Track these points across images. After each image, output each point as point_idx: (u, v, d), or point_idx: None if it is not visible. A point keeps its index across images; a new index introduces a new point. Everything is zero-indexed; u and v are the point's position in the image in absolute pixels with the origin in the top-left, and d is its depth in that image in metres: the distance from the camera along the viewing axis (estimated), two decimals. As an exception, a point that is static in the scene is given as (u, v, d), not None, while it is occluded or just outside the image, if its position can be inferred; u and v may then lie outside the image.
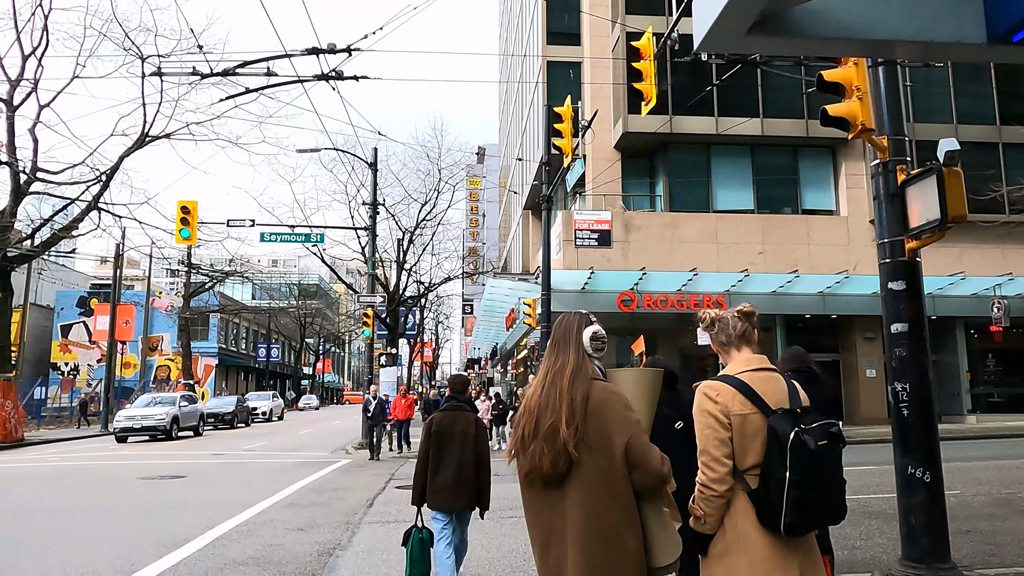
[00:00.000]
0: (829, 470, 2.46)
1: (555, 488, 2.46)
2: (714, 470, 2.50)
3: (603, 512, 2.38)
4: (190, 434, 26.42)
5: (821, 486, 2.42)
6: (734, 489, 2.52)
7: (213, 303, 52.35)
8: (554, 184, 18.12)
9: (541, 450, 2.46)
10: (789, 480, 2.38)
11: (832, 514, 2.55)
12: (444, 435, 5.35)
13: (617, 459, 2.41)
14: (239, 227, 21.62)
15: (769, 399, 2.53)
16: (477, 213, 64.41)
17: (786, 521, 2.40)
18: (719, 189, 24.46)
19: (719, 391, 2.56)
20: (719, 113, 23.56)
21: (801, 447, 2.40)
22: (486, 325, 32.58)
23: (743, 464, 2.51)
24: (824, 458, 2.43)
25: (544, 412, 2.52)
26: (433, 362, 69.16)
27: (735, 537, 2.50)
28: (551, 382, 2.57)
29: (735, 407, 2.51)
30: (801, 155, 24.72)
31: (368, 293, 21.52)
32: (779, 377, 2.67)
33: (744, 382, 2.56)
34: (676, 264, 22.13)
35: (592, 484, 2.40)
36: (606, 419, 2.45)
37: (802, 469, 2.39)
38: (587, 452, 2.41)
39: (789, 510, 2.39)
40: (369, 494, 10.90)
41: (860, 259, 23.31)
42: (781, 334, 23.04)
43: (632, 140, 23.84)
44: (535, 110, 29.77)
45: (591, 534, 2.37)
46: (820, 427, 2.47)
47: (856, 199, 24.09)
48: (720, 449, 2.51)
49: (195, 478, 13.43)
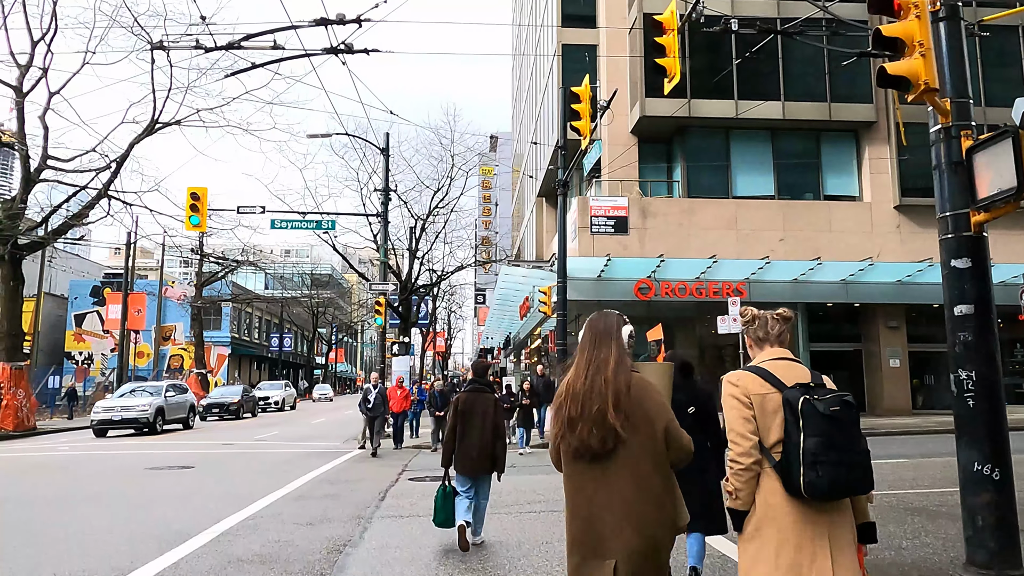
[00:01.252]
0: (845, 433, 2.62)
1: (600, 462, 2.78)
2: (740, 444, 2.75)
3: (650, 482, 2.74)
4: (179, 427, 24.16)
5: (836, 446, 2.58)
6: (761, 464, 2.74)
7: (226, 293, 52.20)
8: (570, 168, 17.62)
9: (590, 430, 2.77)
10: (804, 441, 2.60)
11: (853, 479, 2.63)
12: (467, 413, 6.50)
13: (658, 439, 2.78)
14: (249, 214, 21.27)
15: (787, 381, 2.76)
16: (490, 202, 63.91)
17: (804, 481, 2.58)
18: (738, 174, 23.86)
19: (740, 377, 2.84)
20: (739, 96, 22.92)
21: (811, 410, 2.62)
22: (499, 314, 32.16)
23: (768, 441, 2.74)
24: (837, 421, 2.61)
25: (590, 397, 2.81)
26: (446, 352, 68.84)
27: (764, 511, 2.72)
28: (596, 371, 2.87)
29: (755, 388, 2.78)
30: (823, 139, 24.05)
31: (380, 281, 21.13)
32: (801, 366, 2.87)
33: (764, 368, 2.83)
34: (694, 251, 21.60)
35: (638, 459, 2.75)
36: (647, 405, 2.80)
37: (814, 430, 2.60)
38: (632, 432, 2.75)
39: (806, 469, 2.58)
40: (382, 486, 10.53)
41: (884, 246, 22.71)
42: (802, 323, 22.46)
43: (649, 124, 23.25)
44: (549, 95, 29.22)
45: (641, 500, 2.71)
46: (833, 396, 2.66)
47: (880, 184, 23.42)
48: (744, 426, 2.75)
49: (204, 468, 13.12)
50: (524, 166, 35.15)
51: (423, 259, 27.19)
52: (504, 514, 8.12)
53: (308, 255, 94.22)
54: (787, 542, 2.65)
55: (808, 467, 2.59)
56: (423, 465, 13.27)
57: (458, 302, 64.73)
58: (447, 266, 30.40)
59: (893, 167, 23.33)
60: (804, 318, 22.60)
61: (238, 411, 30.04)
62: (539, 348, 33.81)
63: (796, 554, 2.64)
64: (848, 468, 2.60)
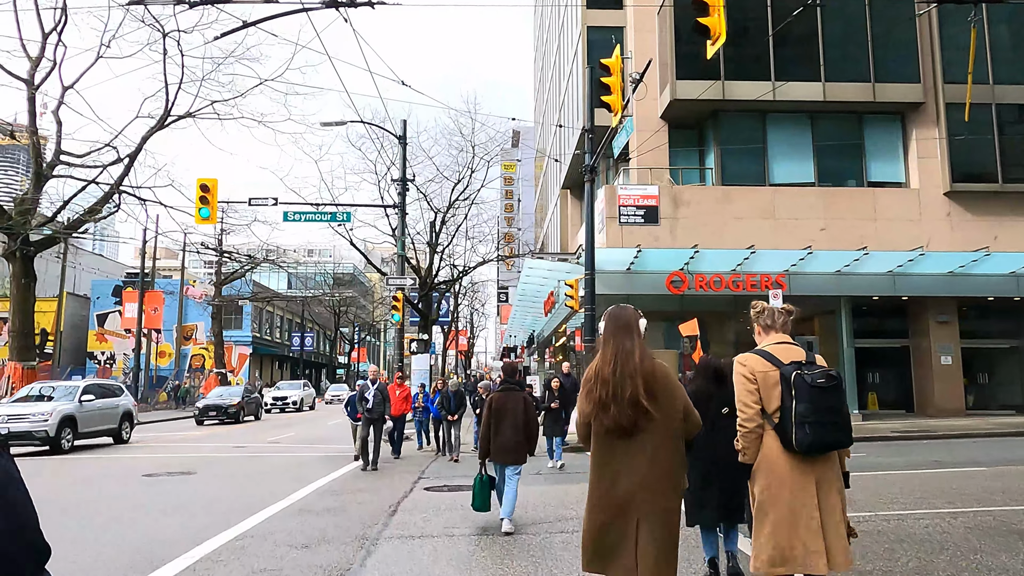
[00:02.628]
0: (828, 400, 3.34)
1: (626, 439, 3.28)
2: (745, 412, 3.53)
3: (665, 452, 3.28)
4: (106, 440, 18.30)
5: (820, 409, 3.31)
6: (764, 427, 3.48)
7: (246, 292, 51.62)
8: (598, 152, 16.45)
9: (623, 411, 3.26)
10: (795, 407, 3.35)
11: (837, 437, 3.38)
12: (501, 411, 7.21)
13: (678, 414, 3.33)
14: (262, 206, 20.37)
15: (785, 360, 3.50)
16: (512, 198, 62.80)
17: (796, 438, 3.32)
18: (776, 160, 22.48)
19: (747, 358, 3.59)
20: (775, 77, 21.56)
21: (800, 382, 3.37)
22: (523, 311, 31.01)
23: (769, 408, 3.48)
24: (823, 390, 3.34)
25: (621, 383, 3.28)
26: (468, 351, 67.82)
27: (765, 463, 3.48)
28: (624, 360, 3.33)
29: (758, 367, 3.52)
30: (867, 122, 22.58)
31: (398, 275, 20.11)
32: (797, 347, 3.59)
33: (766, 351, 3.58)
34: (728, 242, 20.30)
35: (659, 433, 3.27)
36: (670, 388, 3.34)
37: (803, 398, 3.34)
38: (658, 411, 3.27)
39: (796, 429, 3.32)
40: (393, 497, 9.46)
41: (933, 235, 21.23)
42: (846, 318, 21.05)
43: (680, 108, 21.97)
44: (574, 81, 28.04)
45: (656, 471, 3.25)
46: (820, 371, 3.42)
47: (928, 169, 21.91)
48: (748, 396, 3.51)
49: (206, 474, 12.17)
50: (549, 151, 33.92)
51: (443, 253, 26.09)
52: (531, 535, 7.00)
53: (331, 255, 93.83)
54: (783, 485, 3.34)
55: (798, 427, 3.27)
56: (441, 472, 12.19)
57: (480, 300, 63.73)
58: (468, 262, 29.34)
59: (943, 151, 21.81)
60: (848, 313, 21.17)
61: (238, 414, 27.39)
62: (564, 346, 32.64)
63: (790, 495, 3.34)
64: (830, 427, 3.28)
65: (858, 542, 6.22)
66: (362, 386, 13.27)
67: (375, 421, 12.74)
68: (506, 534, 6.90)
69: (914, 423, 19.12)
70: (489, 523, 7.43)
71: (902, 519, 7.21)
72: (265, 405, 36.46)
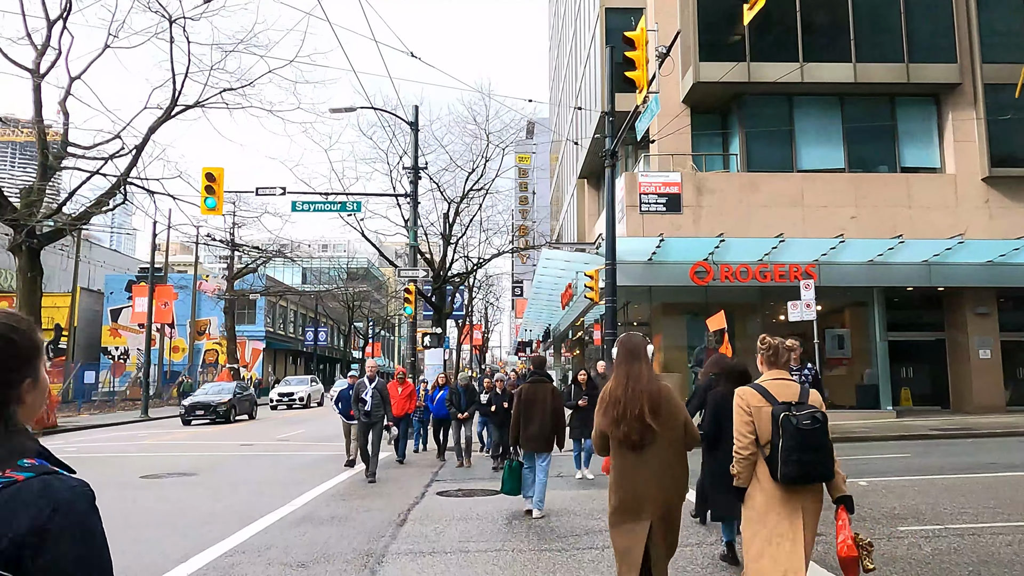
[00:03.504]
0: (811, 441, 3.68)
1: (637, 451, 3.91)
2: (740, 441, 3.88)
3: (673, 463, 3.94)
4: None
5: (802, 448, 3.67)
6: (757, 456, 3.85)
7: (259, 286, 51.14)
8: (619, 135, 15.59)
9: (632, 428, 3.89)
10: (781, 445, 3.70)
11: (815, 473, 3.73)
12: (530, 401, 7.59)
13: (680, 430, 3.97)
14: (270, 195, 19.71)
15: (779, 397, 3.84)
16: (527, 191, 61.96)
17: (781, 472, 3.69)
18: (804, 145, 21.51)
19: (744, 393, 3.95)
20: (804, 58, 20.59)
21: (787, 424, 3.70)
22: (538, 304, 30.24)
23: (763, 440, 3.84)
24: (807, 432, 3.68)
25: (631, 402, 3.91)
26: (483, 345, 67.13)
27: (757, 487, 3.85)
28: (635, 381, 3.97)
29: (754, 402, 3.88)
30: (900, 105, 21.54)
31: (410, 267, 19.37)
32: (793, 384, 3.93)
33: (763, 386, 3.93)
34: (754, 231, 19.39)
35: (667, 447, 3.91)
36: (672, 406, 3.98)
37: (788, 438, 3.68)
38: (663, 427, 3.90)
39: (782, 464, 3.69)
40: (404, 503, 8.73)
41: (970, 223, 20.18)
42: (879, 310, 20.10)
43: (703, 92, 21.04)
44: (591, 66, 27.16)
45: (665, 478, 3.90)
46: (807, 413, 3.73)
47: (965, 153, 20.85)
48: (745, 427, 3.87)
49: (207, 477, 11.50)
50: (566, 137, 32.98)
51: (456, 244, 25.32)
52: (557, 550, 6.23)
53: (345, 250, 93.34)
54: (771, 510, 3.80)
55: (783, 463, 3.70)
56: (456, 474, 11.43)
57: (495, 294, 62.97)
58: (483, 254, 28.56)
59: (981, 134, 20.75)
60: (880, 305, 20.21)
61: (228, 413, 25.07)
62: (581, 340, 31.85)
63: (777, 518, 3.80)
64: (812, 464, 3.71)
65: (937, 563, 5.40)
66: (359, 385, 11.23)
67: (373, 425, 10.84)
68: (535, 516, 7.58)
69: (953, 420, 18.16)
70: (512, 527, 6.66)
71: (978, 535, 6.37)
72: (271, 401, 35.82)
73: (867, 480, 9.51)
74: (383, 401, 11.04)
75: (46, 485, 1.21)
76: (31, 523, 1.16)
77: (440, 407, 13.47)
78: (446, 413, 13.26)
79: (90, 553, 1.22)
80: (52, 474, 1.24)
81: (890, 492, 8.67)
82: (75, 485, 1.25)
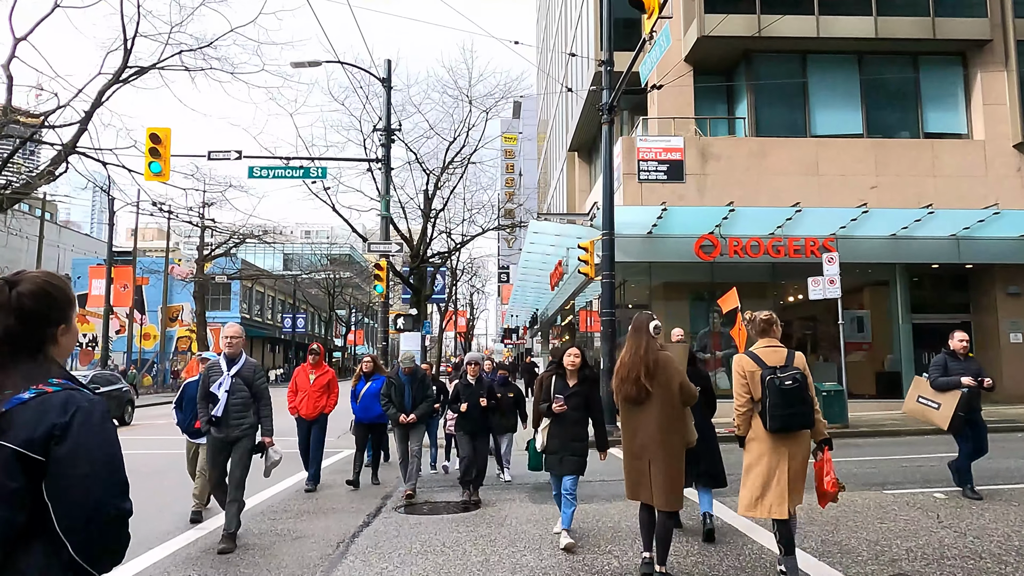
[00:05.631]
0: (792, 398, 4.63)
1: (640, 406, 4.92)
2: (739, 399, 4.84)
3: (670, 417, 4.86)
4: None
5: (786, 404, 4.63)
6: (752, 411, 4.83)
7: (232, 270, 48.67)
8: (621, 83, 13.50)
9: (631, 387, 4.91)
10: (769, 402, 4.66)
11: (798, 423, 4.69)
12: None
13: (675, 392, 4.86)
14: (223, 160, 17.49)
15: (768, 361, 4.78)
16: (514, 172, 59.75)
17: (769, 424, 4.68)
18: (818, 109, 19.51)
19: (740, 359, 4.91)
20: (820, 11, 18.59)
21: (772, 385, 4.68)
22: (526, 287, 28.17)
23: (756, 397, 4.78)
24: (787, 391, 4.64)
25: (632, 367, 4.92)
26: (467, 332, 65.06)
27: (753, 435, 4.84)
28: (635, 351, 4.95)
29: (748, 367, 4.84)
30: (923, 65, 19.57)
31: (381, 240, 17.24)
32: (781, 350, 4.85)
33: (755, 353, 4.87)
34: (764, 201, 17.42)
35: (660, 402, 4.85)
36: (668, 371, 4.88)
37: (773, 395, 4.66)
38: (657, 389, 4.84)
39: (770, 418, 4.67)
40: (351, 524, 6.69)
41: (1001, 193, 18.26)
42: (902, 290, 18.21)
43: (708, 49, 18.98)
44: (584, 26, 25.01)
45: (662, 429, 4.84)
46: (789, 375, 4.68)
47: (995, 118, 18.95)
48: (742, 388, 4.82)
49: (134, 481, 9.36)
50: (563, 80, 30.74)
51: (436, 218, 23.14)
52: None
53: (328, 236, 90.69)
54: (765, 452, 4.74)
55: (771, 416, 4.66)
56: (427, 481, 9.32)
57: (482, 279, 60.86)
58: (466, 232, 26.41)
59: (1013, 96, 18.84)
60: (904, 284, 18.32)
61: None
62: (571, 325, 29.85)
63: (770, 459, 4.71)
64: (792, 416, 4.64)
65: None
66: (209, 368, 6.39)
67: (236, 444, 6.14)
68: None
69: (988, 411, 16.24)
70: None
71: None
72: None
73: (945, 490, 7.57)
74: (246, 404, 6.18)
75: (69, 395, 1.64)
76: (56, 420, 1.58)
77: (369, 405, 9.16)
78: (378, 414, 9.07)
79: (100, 444, 1.62)
80: (75, 389, 1.67)
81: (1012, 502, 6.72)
82: (92, 398, 1.68)
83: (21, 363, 1.67)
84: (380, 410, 8.88)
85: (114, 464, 1.64)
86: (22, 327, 1.69)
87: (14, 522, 1.52)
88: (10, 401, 1.58)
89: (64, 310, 1.76)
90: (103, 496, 1.59)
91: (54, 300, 1.74)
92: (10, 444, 1.53)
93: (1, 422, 1.55)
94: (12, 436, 1.54)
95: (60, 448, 1.56)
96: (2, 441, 1.54)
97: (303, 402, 9.22)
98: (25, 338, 1.69)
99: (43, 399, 1.59)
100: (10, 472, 1.52)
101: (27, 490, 1.54)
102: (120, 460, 1.65)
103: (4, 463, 1.53)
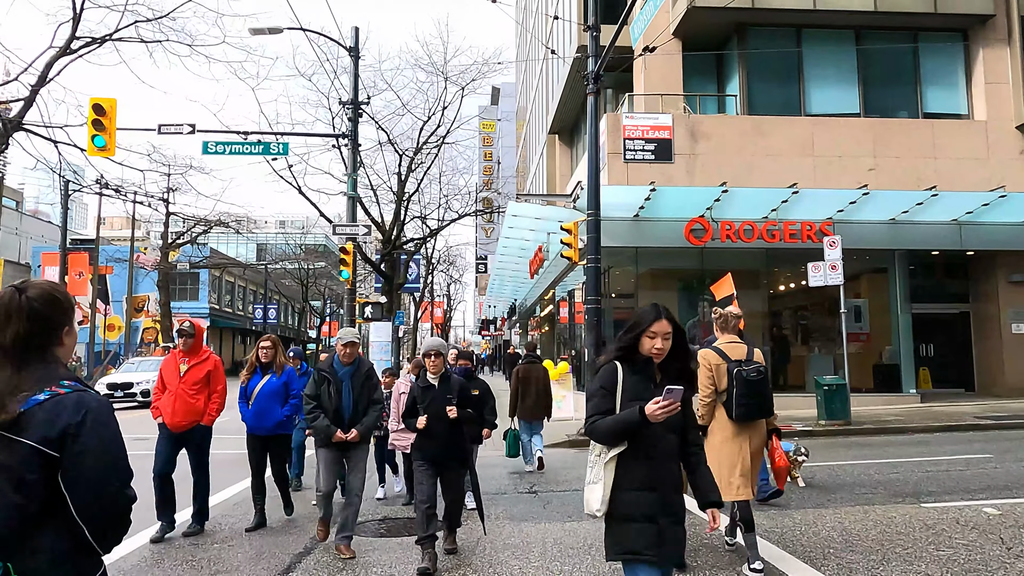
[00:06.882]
0: (756, 389, 4.93)
1: None
2: (703, 391, 5.04)
3: None
4: None
5: (752, 394, 4.92)
6: (716, 402, 5.07)
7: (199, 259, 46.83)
8: (605, 54, 12.30)
9: None
10: (735, 392, 4.94)
11: (760, 412, 5.03)
12: (527, 379, 9.51)
13: None
14: (174, 135, 16.06)
15: (732, 356, 5.06)
16: (492, 160, 58.44)
17: (735, 413, 4.95)
18: (814, 87, 18.46)
19: (706, 353, 5.12)
20: (816, -18, 17.51)
21: (739, 376, 4.94)
22: (504, 275, 26.96)
23: (720, 388, 5.05)
24: (753, 382, 4.94)
25: None
26: (444, 323, 63.77)
27: (717, 424, 5.08)
28: None
29: (713, 360, 5.07)
30: (923, 41, 18.58)
31: (347, 222, 15.92)
32: (742, 345, 5.13)
33: (720, 348, 5.12)
34: (757, 183, 16.35)
35: None
36: None
37: (740, 386, 4.93)
38: None
39: (735, 407, 4.94)
40: (288, 551, 5.43)
41: (1005, 176, 17.35)
42: (900, 277, 17.24)
43: (698, 22, 17.84)
44: (566, 3, 23.76)
45: None
46: (753, 368, 4.99)
47: (998, 97, 18.03)
48: (707, 380, 5.04)
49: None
50: (548, 41, 29.44)
51: (409, 202, 21.81)
52: None
53: (303, 225, 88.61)
54: (727, 440, 5.00)
55: (736, 405, 4.93)
56: (368, 509, 6.97)
57: (459, 269, 59.51)
58: (442, 218, 25.09)
59: (1016, 75, 17.93)
60: (903, 271, 17.36)
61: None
62: (551, 316, 28.70)
63: (732, 445, 4.97)
64: (755, 407, 4.96)
65: None
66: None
67: None
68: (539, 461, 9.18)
69: (990, 406, 15.41)
70: None
71: None
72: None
73: (993, 503, 6.49)
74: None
75: (80, 397, 1.82)
76: (71, 419, 1.77)
77: (265, 409, 6.67)
78: (278, 421, 6.73)
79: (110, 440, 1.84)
80: (84, 391, 1.85)
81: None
82: (100, 398, 1.87)
83: (32, 364, 1.85)
84: (281, 415, 6.62)
85: (121, 457, 1.86)
86: (33, 330, 1.88)
87: (28, 509, 1.72)
88: (27, 402, 1.77)
89: (67, 313, 1.97)
90: (114, 486, 1.81)
91: (60, 304, 1.95)
92: (29, 441, 1.73)
93: (20, 421, 1.75)
94: (30, 434, 1.74)
95: (75, 445, 1.76)
96: (22, 438, 1.73)
97: (170, 404, 6.23)
98: (35, 340, 1.88)
99: (57, 400, 1.79)
100: (29, 466, 1.72)
101: (42, 481, 1.74)
102: (125, 454, 1.86)
103: (23, 458, 1.72)
